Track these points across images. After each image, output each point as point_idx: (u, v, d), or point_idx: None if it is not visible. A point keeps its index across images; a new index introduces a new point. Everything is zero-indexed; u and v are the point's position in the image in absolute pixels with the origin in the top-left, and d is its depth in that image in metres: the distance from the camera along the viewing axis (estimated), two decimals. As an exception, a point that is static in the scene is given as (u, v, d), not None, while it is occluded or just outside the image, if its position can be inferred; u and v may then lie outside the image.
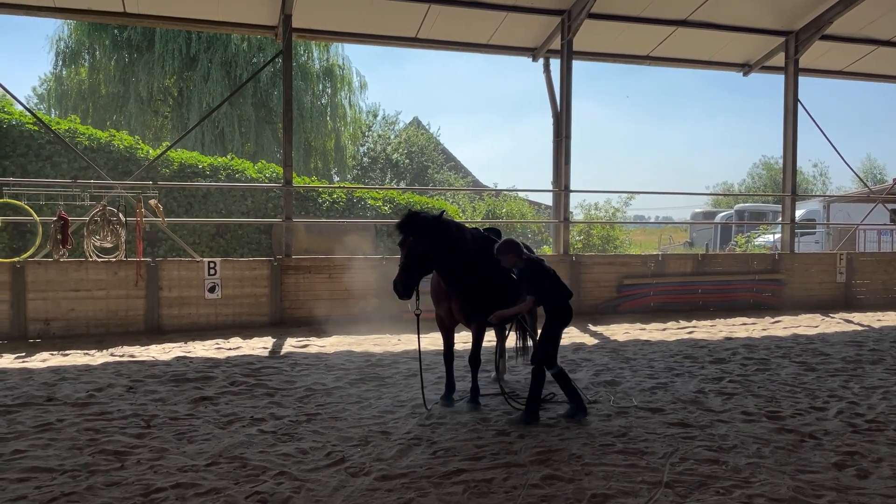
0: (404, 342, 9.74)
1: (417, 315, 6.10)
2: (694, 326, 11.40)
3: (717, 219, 34.68)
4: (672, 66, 15.63)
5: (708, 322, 11.88)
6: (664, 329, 11.17)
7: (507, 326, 7.06)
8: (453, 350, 6.44)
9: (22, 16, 11.87)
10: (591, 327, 11.24)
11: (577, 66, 13.25)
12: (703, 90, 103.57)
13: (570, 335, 10.40)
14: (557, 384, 5.87)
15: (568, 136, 13.15)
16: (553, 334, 5.83)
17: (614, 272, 12.93)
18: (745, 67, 15.18)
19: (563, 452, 5.00)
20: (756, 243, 25.02)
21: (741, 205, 35.26)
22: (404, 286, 5.61)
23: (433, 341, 9.71)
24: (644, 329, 11.14)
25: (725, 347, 9.40)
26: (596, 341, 10.02)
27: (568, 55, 12.97)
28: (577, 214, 24.75)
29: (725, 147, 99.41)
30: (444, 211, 6.31)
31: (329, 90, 30.58)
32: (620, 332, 10.85)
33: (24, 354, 8.76)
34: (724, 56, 14.83)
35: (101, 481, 4.44)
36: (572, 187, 13.24)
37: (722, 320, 12.10)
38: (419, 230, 5.69)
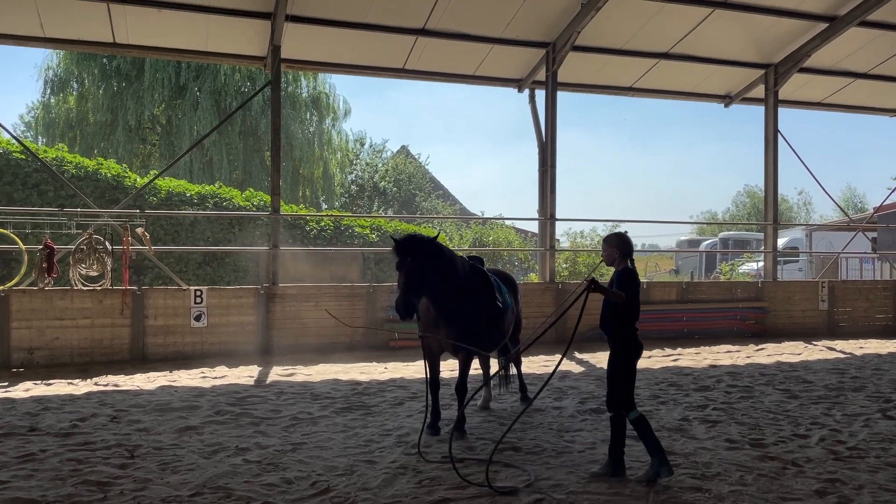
0: (391, 370, 9.74)
1: (420, 336, 6.34)
2: (679, 354, 11.48)
3: (702, 247, 34.97)
4: (655, 98, 15.93)
5: (693, 349, 11.96)
6: (649, 357, 11.22)
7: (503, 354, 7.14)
8: (439, 378, 6.46)
9: (11, 45, 11.96)
10: (577, 355, 11.29)
11: (563, 96, 13.49)
12: (688, 119, 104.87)
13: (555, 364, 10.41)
14: (637, 433, 5.07)
15: (553, 166, 13.31)
16: (625, 369, 5.19)
17: (600, 300, 12.97)
18: (727, 99, 15.47)
19: (548, 480, 5.02)
20: (740, 271, 25.23)
21: (725, 233, 35.61)
22: (405, 306, 5.69)
23: (419, 370, 9.72)
24: (630, 357, 11.17)
25: (710, 375, 9.47)
26: (582, 369, 10.06)
27: (553, 86, 13.19)
28: (563, 242, 24.92)
29: (710, 175, 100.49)
30: (438, 234, 6.44)
31: (316, 118, 30.81)
32: (605, 359, 10.86)
33: (6, 384, 8.68)
34: (706, 88, 15.12)
35: (83, 512, 4.41)
36: (558, 215, 13.37)
37: (706, 348, 12.18)
38: (417, 251, 5.80)
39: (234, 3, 11.05)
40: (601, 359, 10.88)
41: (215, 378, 9.17)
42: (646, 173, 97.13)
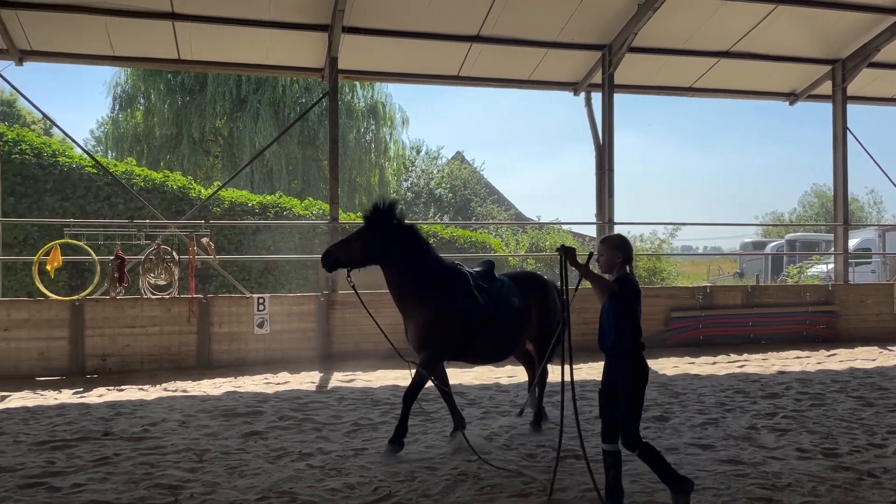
0: (449, 376, 9.72)
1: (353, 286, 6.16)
2: (745, 360, 11.15)
3: (768, 249, 33.93)
4: (716, 97, 15.59)
5: (760, 355, 11.60)
6: (714, 363, 10.95)
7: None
8: (445, 378, 6.34)
9: (83, 64, 12.52)
10: (639, 361, 11.08)
11: (619, 97, 13.31)
12: (751, 118, 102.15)
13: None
14: (647, 463, 4.52)
15: (611, 169, 13.14)
16: (634, 399, 4.41)
17: (661, 304, 12.76)
18: (792, 96, 15.01)
19: (611, 489, 4.94)
20: (809, 274, 24.39)
21: (793, 234, 34.45)
22: (326, 254, 6.04)
23: (478, 376, 9.72)
24: (693, 363, 10.94)
25: (778, 382, 9.17)
26: (643, 375, 9.87)
27: (609, 89, 13.03)
28: (622, 246, 24.56)
29: (775, 175, 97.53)
30: (397, 203, 6.21)
31: (373, 127, 31.19)
32: (669, 365, 10.68)
33: (81, 389, 9.05)
34: (770, 85, 14.70)
35: (156, 515, 4.56)
36: (616, 219, 13.19)
37: (774, 353, 11.81)
38: (372, 219, 5.99)
39: (293, 18, 11.30)
40: (664, 365, 10.69)
41: (278, 384, 9.36)
42: (707, 175, 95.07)
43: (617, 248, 4.54)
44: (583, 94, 13.88)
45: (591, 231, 20.63)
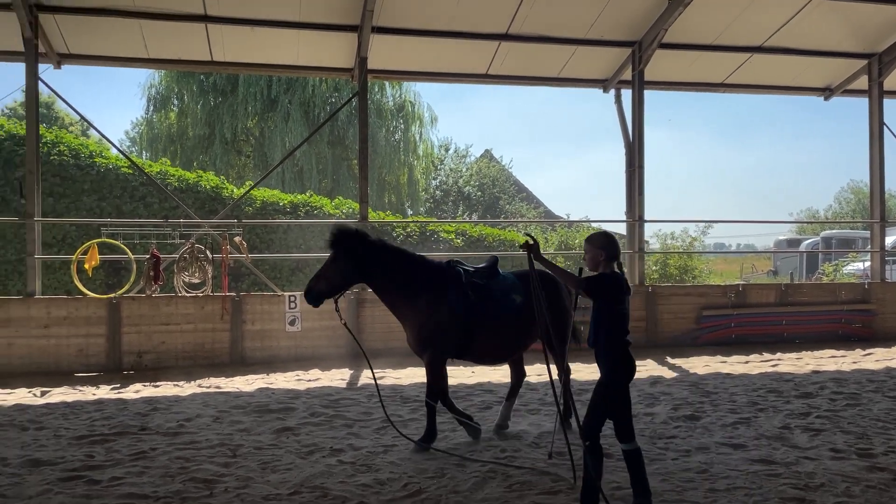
0: (478, 374, 9.79)
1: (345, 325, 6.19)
2: (778, 359, 11.00)
3: (803, 246, 33.32)
4: (749, 93, 15.35)
5: (793, 354, 11.44)
6: (747, 362, 10.82)
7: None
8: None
9: (119, 67, 12.79)
10: (669, 360, 11.01)
11: (649, 94, 13.20)
12: (785, 114, 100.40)
13: (647, 368, 10.22)
14: (628, 467, 4.53)
15: (641, 166, 13.05)
16: (616, 395, 4.43)
17: (692, 303, 12.64)
18: (826, 91, 14.74)
19: (640, 488, 4.93)
20: (845, 272, 23.92)
21: (828, 231, 33.81)
22: (307, 290, 6.03)
23: (506, 374, 9.72)
24: (725, 361, 10.83)
25: (812, 381, 9.03)
26: (674, 374, 9.81)
27: (639, 86, 12.93)
28: (652, 244, 24.32)
29: (810, 171, 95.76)
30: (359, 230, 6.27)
31: (402, 126, 31.32)
32: (700, 364, 10.58)
33: (118, 385, 9.27)
34: (804, 81, 14.45)
35: (191, 507, 4.67)
36: (647, 217, 13.10)
37: (808, 353, 11.63)
38: (336, 245, 6.11)
39: (323, 18, 11.42)
40: (695, 364, 10.60)
41: (309, 381, 9.48)
42: (739, 171, 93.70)
43: (600, 247, 4.56)
44: (612, 91, 13.79)
45: (622, 229, 20.48)
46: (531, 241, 4.74)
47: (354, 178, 27.99)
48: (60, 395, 8.70)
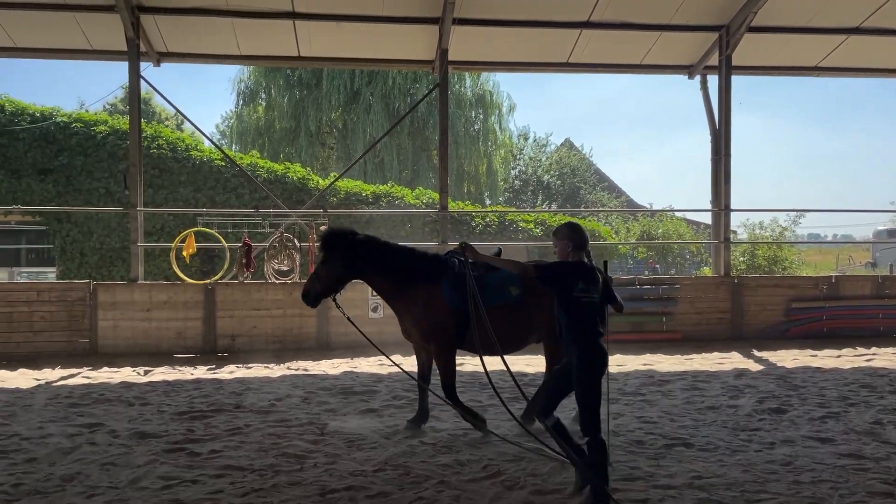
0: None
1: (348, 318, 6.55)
2: (873, 354, 10.55)
3: (904, 237, 31.56)
4: (845, 76, 14.68)
5: (890, 349, 10.93)
6: (838, 356, 10.43)
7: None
8: (423, 372, 6.55)
9: (213, 64, 13.42)
10: (756, 353, 10.72)
11: (736, 79, 12.80)
12: (886, 97, 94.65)
13: (732, 361, 10.01)
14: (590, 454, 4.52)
15: (728, 154, 12.70)
16: (586, 383, 4.43)
17: (781, 295, 12.24)
18: (931, 72, 13.92)
19: (721, 478, 4.91)
20: (950, 264, 22.51)
21: (932, 221, 31.86)
22: (304, 293, 6.20)
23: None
24: (815, 355, 10.47)
25: (910, 377, 8.65)
26: (760, 367, 9.57)
27: (727, 71, 12.57)
28: (740, 234, 23.58)
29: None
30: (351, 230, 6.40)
31: (481, 115, 31.43)
32: (788, 358, 10.27)
33: (214, 366, 9.81)
34: (906, 62, 13.69)
35: (284, 480, 4.96)
36: (733, 206, 12.75)
37: (907, 348, 11.10)
38: (328, 246, 6.13)
39: (405, 12, 11.63)
40: (783, 357, 10.31)
41: (391, 365, 9.72)
42: (834, 158, 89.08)
43: (565, 238, 4.56)
44: (698, 77, 13.45)
45: (707, 218, 19.95)
46: (464, 245, 5.11)
47: (434, 169, 28.34)
48: (161, 374, 9.29)
